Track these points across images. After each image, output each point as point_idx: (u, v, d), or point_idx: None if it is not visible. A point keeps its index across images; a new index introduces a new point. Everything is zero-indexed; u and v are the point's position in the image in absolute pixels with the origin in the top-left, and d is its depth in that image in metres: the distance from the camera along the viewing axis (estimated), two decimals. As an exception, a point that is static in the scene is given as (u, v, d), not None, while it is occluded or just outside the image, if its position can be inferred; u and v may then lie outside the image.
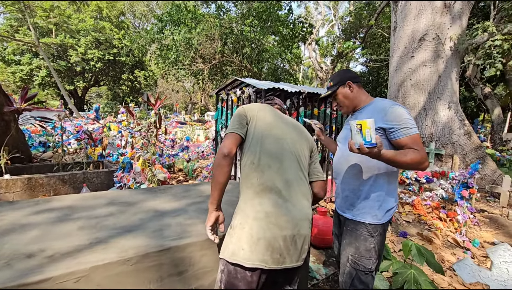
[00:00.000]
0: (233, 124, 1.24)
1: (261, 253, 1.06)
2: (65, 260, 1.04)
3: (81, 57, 20.71)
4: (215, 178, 1.16)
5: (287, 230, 1.11)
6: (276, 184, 1.16)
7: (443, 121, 5.52)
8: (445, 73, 5.60)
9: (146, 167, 4.03)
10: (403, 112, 1.33)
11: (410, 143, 1.28)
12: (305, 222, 1.18)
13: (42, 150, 6.27)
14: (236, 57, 12.20)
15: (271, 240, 1.08)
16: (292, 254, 1.13)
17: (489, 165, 5.21)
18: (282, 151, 1.24)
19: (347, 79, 1.49)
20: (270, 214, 1.10)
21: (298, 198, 1.20)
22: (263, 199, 1.13)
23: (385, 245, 1.54)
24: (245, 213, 1.12)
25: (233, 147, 1.17)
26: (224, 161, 1.14)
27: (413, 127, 1.30)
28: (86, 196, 1.97)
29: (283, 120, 1.35)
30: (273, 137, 1.25)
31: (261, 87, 3.53)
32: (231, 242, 1.11)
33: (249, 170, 1.19)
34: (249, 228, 1.08)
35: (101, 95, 33.50)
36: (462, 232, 3.21)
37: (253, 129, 1.24)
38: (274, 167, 1.18)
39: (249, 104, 1.34)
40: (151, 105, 4.73)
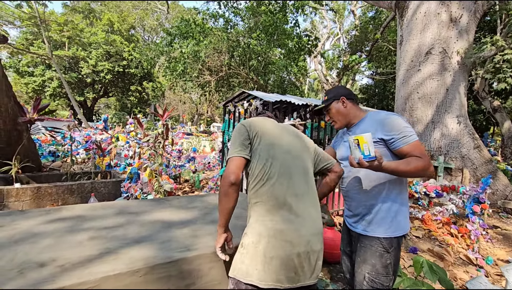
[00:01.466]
0: (236, 146, 1.19)
1: (276, 273, 1.04)
2: (77, 270, 1.05)
3: (92, 69, 21.27)
4: (222, 205, 1.13)
5: (300, 246, 1.09)
6: (287, 200, 1.14)
7: (452, 134, 5.46)
8: (452, 86, 5.59)
9: (153, 178, 4.05)
10: (400, 121, 1.34)
11: (412, 151, 1.28)
12: (317, 236, 1.16)
13: (52, 159, 6.37)
14: (242, 70, 12.39)
15: (285, 259, 1.06)
16: (306, 271, 1.11)
17: (500, 180, 5.10)
18: (290, 164, 1.22)
19: (341, 95, 1.52)
20: (282, 231, 1.08)
21: (309, 212, 1.18)
22: (274, 216, 1.11)
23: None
24: (257, 231, 1.10)
25: (239, 173, 1.13)
26: (231, 189, 1.10)
27: (412, 134, 1.31)
28: (95, 206, 1.98)
29: (284, 131, 1.33)
30: (280, 151, 1.22)
31: (268, 100, 3.57)
32: (243, 261, 1.09)
33: (258, 187, 1.16)
34: (262, 247, 1.06)
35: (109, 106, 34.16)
36: (474, 249, 3.12)
37: (259, 146, 1.21)
38: (284, 182, 1.16)
39: (249, 120, 1.29)
40: (159, 116, 4.80)
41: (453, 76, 5.60)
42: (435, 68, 5.65)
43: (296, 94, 14.76)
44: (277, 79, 14.45)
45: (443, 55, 5.61)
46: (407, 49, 6.11)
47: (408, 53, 6.07)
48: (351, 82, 21.18)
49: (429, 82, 5.69)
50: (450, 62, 5.60)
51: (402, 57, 6.29)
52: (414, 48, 5.96)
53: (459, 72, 5.63)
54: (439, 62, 5.64)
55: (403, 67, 6.19)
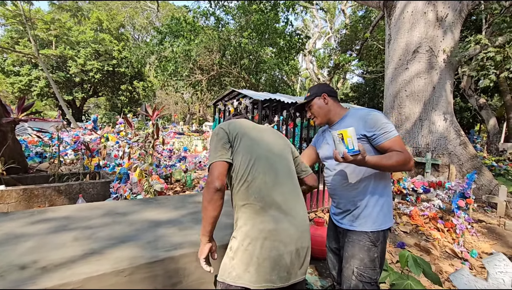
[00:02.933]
0: (217, 150, 1.15)
1: (268, 274, 1.04)
2: (59, 271, 1.04)
3: (80, 68, 20.86)
4: (207, 213, 1.08)
5: (291, 245, 1.09)
6: (275, 199, 1.13)
7: (439, 131, 5.58)
8: (439, 84, 5.71)
9: (143, 178, 4.01)
10: (380, 117, 1.38)
11: (392, 146, 1.33)
12: (306, 233, 1.17)
13: (39, 160, 6.23)
14: (234, 68, 12.36)
15: (277, 259, 1.05)
16: (297, 268, 1.12)
17: (485, 175, 5.23)
18: (274, 162, 1.21)
19: (323, 91, 1.55)
20: (273, 232, 1.07)
21: (297, 209, 1.18)
22: (264, 217, 1.09)
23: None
24: (247, 234, 1.08)
25: (223, 179, 1.10)
26: (216, 195, 1.06)
27: (392, 130, 1.36)
28: (81, 207, 1.96)
29: (263, 130, 1.33)
30: (262, 150, 1.21)
31: (258, 98, 3.58)
32: (233, 266, 1.07)
33: (244, 188, 1.14)
34: (253, 249, 1.05)
35: (99, 106, 33.59)
36: (460, 243, 3.20)
37: (240, 147, 1.18)
38: (270, 181, 1.15)
39: (227, 122, 1.28)
40: (149, 115, 4.75)
41: (440, 74, 5.72)
42: (422, 66, 5.76)
43: (288, 93, 14.80)
44: (268, 78, 14.47)
45: (430, 54, 5.72)
46: (395, 47, 6.20)
47: (396, 52, 6.17)
48: (342, 81, 21.37)
49: (416, 80, 5.79)
50: (437, 60, 5.71)
51: (390, 55, 6.38)
52: (402, 46, 6.05)
53: (445, 70, 5.75)
54: (426, 60, 5.74)
55: (391, 66, 6.28)
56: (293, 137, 4.09)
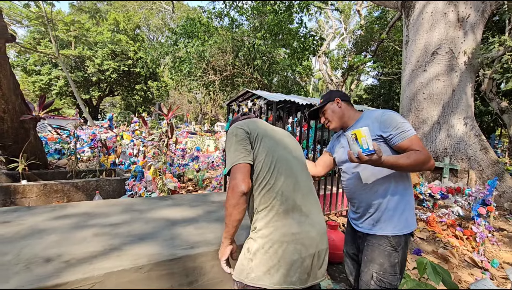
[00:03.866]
0: (239, 152, 1.11)
1: (290, 276, 1.04)
2: (81, 266, 1.06)
3: (98, 68, 21.46)
4: (233, 217, 1.06)
5: (313, 248, 1.09)
6: (296, 201, 1.12)
7: (458, 135, 5.40)
8: (459, 87, 5.53)
9: (157, 176, 4.07)
10: (396, 116, 1.35)
11: (411, 145, 1.29)
12: (325, 235, 1.17)
13: (58, 157, 6.44)
14: (247, 69, 12.39)
15: (299, 262, 1.05)
16: (316, 269, 1.12)
17: (507, 182, 5.03)
18: (293, 164, 1.20)
19: (336, 96, 1.55)
20: (297, 235, 1.07)
21: (316, 211, 1.18)
22: (287, 220, 1.07)
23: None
24: (269, 237, 1.05)
25: (249, 181, 1.07)
26: (242, 199, 1.04)
27: (410, 129, 1.32)
28: (100, 203, 2.00)
29: (279, 132, 1.31)
30: (282, 152, 1.19)
31: (272, 99, 3.57)
32: (252, 267, 1.05)
33: (265, 191, 1.11)
34: (274, 252, 1.03)
35: (114, 105, 34.43)
36: (480, 252, 3.08)
37: (262, 149, 1.15)
38: (291, 183, 1.13)
39: (245, 122, 1.24)
40: (164, 115, 4.82)
41: (460, 77, 5.54)
42: (441, 68, 5.59)
43: (301, 94, 14.71)
44: (281, 79, 14.42)
45: (450, 55, 5.55)
46: (413, 49, 6.05)
47: (414, 53, 6.02)
48: (356, 82, 21.04)
49: (435, 82, 5.63)
50: (457, 62, 5.54)
51: (408, 57, 6.23)
52: (420, 48, 5.90)
53: (466, 72, 5.56)
54: (445, 62, 5.58)
55: (409, 67, 6.14)
56: (307, 139, 4.06)
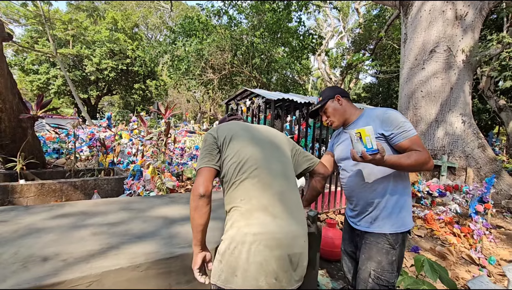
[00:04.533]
0: (204, 156, 1.14)
1: (255, 279, 0.99)
2: (79, 265, 1.07)
3: (96, 67, 21.38)
4: (194, 221, 1.05)
5: (279, 250, 1.02)
6: (262, 202, 1.07)
7: (456, 133, 5.42)
8: (457, 85, 5.54)
9: (156, 175, 4.07)
10: (398, 116, 1.35)
11: (411, 145, 1.29)
12: (298, 239, 1.09)
13: (56, 156, 6.43)
14: (245, 68, 12.37)
15: (262, 264, 1.00)
16: (289, 275, 1.05)
17: (504, 180, 5.05)
18: (265, 164, 1.15)
19: (336, 93, 1.54)
20: (259, 235, 1.01)
21: (289, 213, 1.10)
22: (249, 220, 1.04)
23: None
24: (233, 237, 1.04)
25: (208, 185, 1.07)
26: (201, 202, 1.04)
27: (411, 129, 1.32)
28: (98, 202, 2.00)
29: (255, 132, 1.28)
30: (252, 152, 1.16)
31: (270, 98, 3.57)
32: (222, 268, 1.04)
33: (231, 191, 1.12)
34: (238, 253, 1.01)
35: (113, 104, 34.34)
36: (477, 249, 3.10)
37: (229, 152, 1.16)
38: (258, 183, 1.10)
39: (217, 126, 1.26)
40: (161, 114, 4.82)
41: (458, 75, 5.55)
42: (439, 66, 5.60)
43: (299, 92, 14.70)
44: (280, 77, 14.41)
45: (448, 53, 5.56)
46: (411, 47, 6.06)
47: (412, 51, 6.02)
48: (355, 81, 21.05)
49: (433, 80, 5.64)
50: (455, 60, 5.55)
51: (406, 55, 6.24)
52: (418, 46, 5.91)
53: (464, 70, 5.58)
54: (443, 60, 5.59)
55: (407, 65, 6.14)
56: (305, 137, 4.06)
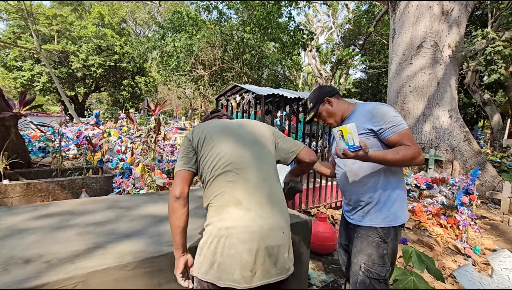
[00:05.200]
0: (180, 159, 1.17)
1: (230, 273, 1.00)
2: (63, 266, 1.04)
3: (83, 63, 20.83)
4: (172, 223, 1.06)
5: (252, 243, 1.01)
6: (236, 196, 1.07)
7: (443, 127, 5.53)
8: (443, 80, 5.64)
9: (146, 173, 4.02)
10: (388, 110, 1.34)
11: (401, 140, 1.29)
12: (276, 231, 1.07)
13: (42, 155, 6.26)
14: (236, 64, 12.29)
15: (236, 257, 1.00)
16: (268, 268, 1.04)
17: (489, 172, 5.20)
18: (240, 158, 1.14)
19: (324, 96, 1.51)
20: (231, 229, 1.02)
21: (265, 205, 1.09)
22: (222, 215, 1.06)
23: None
24: (209, 233, 1.05)
25: (184, 187, 1.09)
26: (177, 204, 1.05)
27: (401, 123, 1.31)
28: (84, 201, 1.96)
29: (232, 127, 1.27)
30: (227, 147, 1.16)
31: (260, 93, 3.55)
32: (201, 261, 1.05)
33: (207, 189, 1.14)
34: (214, 247, 1.02)
35: (101, 101, 33.63)
36: (463, 239, 3.19)
37: (204, 152, 1.16)
38: (232, 179, 1.10)
39: (194, 128, 1.27)
40: (151, 110, 4.75)
41: (444, 70, 5.65)
42: (426, 61, 5.69)
43: (290, 88, 14.72)
44: (271, 73, 14.38)
45: (435, 49, 5.65)
46: (399, 42, 6.13)
47: (400, 47, 6.09)
48: (345, 76, 21.21)
49: (420, 75, 5.73)
50: (442, 55, 5.64)
51: (394, 50, 6.31)
52: (406, 41, 5.98)
53: (450, 65, 5.68)
54: (430, 55, 5.67)
55: (395, 61, 6.22)
56: (296, 133, 4.07)
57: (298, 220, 1.80)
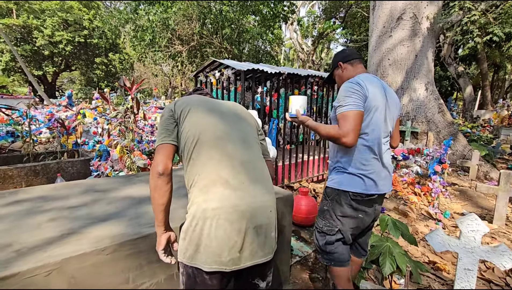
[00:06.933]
0: (161, 132, 1.09)
1: (217, 255, 0.96)
2: (34, 254, 0.99)
3: (48, 39, 19.25)
4: (155, 200, 1.01)
5: (241, 222, 0.98)
6: (221, 174, 1.02)
7: (419, 99, 5.68)
8: (421, 52, 5.71)
9: (125, 154, 3.90)
10: (342, 91, 1.45)
11: (339, 120, 1.40)
12: (263, 209, 1.04)
13: (11, 140, 5.90)
14: (215, 38, 11.80)
15: (224, 238, 0.96)
16: (256, 248, 1.01)
17: (460, 141, 5.47)
18: (225, 135, 1.09)
19: (338, 60, 1.65)
20: (217, 210, 0.97)
21: (252, 183, 1.05)
22: (207, 195, 0.99)
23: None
24: (194, 214, 0.99)
25: (167, 162, 1.02)
26: (160, 181, 0.99)
27: (345, 105, 1.38)
28: (58, 186, 1.88)
29: (218, 106, 1.22)
30: (210, 123, 1.11)
31: (240, 68, 3.45)
32: (186, 246, 1.00)
33: (189, 167, 1.06)
34: (200, 229, 0.97)
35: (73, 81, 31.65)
36: (435, 205, 3.40)
37: (186, 125, 1.09)
38: (216, 156, 1.05)
39: (177, 100, 1.19)
40: (127, 89, 4.52)
41: (422, 42, 5.70)
42: (405, 34, 5.70)
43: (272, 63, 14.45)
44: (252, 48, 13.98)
45: (414, 21, 5.64)
46: (380, 14, 6.06)
47: (380, 19, 6.04)
48: (326, 51, 21.03)
49: (399, 48, 5.76)
50: (420, 27, 5.66)
51: (374, 23, 6.25)
52: (386, 13, 5.92)
53: (428, 38, 5.73)
54: (409, 27, 5.68)
55: (375, 33, 6.18)
56: (277, 108, 4.04)
57: (280, 195, 1.82)
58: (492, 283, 2.13)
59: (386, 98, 1.51)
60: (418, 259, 2.39)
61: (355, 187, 1.48)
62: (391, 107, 1.54)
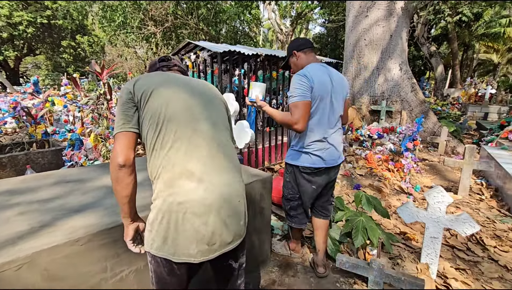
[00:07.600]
0: (119, 118, 0.98)
1: (186, 247, 0.94)
2: (3, 249, 0.96)
3: (6, 21, 17.62)
4: (118, 193, 0.96)
5: (208, 215, 0.95)
6: (187, 167, 0.96)
7: (394, 79, 5.83)
8: (396, 32, 5.80)
9: (99, 143, 3.76)
10: (292, 82, 1.65)
11: (290, 109, 1.65)
12: (231, 200, 1.02)
13: (-27, 132, 5.49)
14: (191, 19, 11.32)
15: (191, 232, 0.94)
16: (226, 239, 1.00)
17: (431, 119, 5.74)
18: (190, 124, 1.01)
19: (293, 49, 1.79)
20: (184, 204, 0.93)
21: (219, 174, 1.02)
22: (173, 188, 0.95)
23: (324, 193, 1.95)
24: (159, 208, 0.95)
25: (128, 152, 0.94)
26: (122, 173, 0.92)
27: (295, 96, 1.61)
28: (27, 178, 1.79)
29: (186, 86, 1.10)
30: (176, 109, 1.01)
31: (216, 50, 3.35)
32: (153, 237, 0.97)
33: (153, 158, 0.99)
34: (166, 223, 0.94)
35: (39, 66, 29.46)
36: (406, 180, 3.59)
37: (148, 110, 0.99)
38: (182, 146, 0.98)
39: (137, 78, 1.05)
40: (98, 74, 4.30)
41: (397, 22, 5.78)
42: (381, 13, 5.74)
43: (250, 45, 14.16)
44: (229, 29, 13.58)
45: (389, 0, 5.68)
46: (356, -7, 6.03)
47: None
48: (305, 32, 20.83)
49: (375, 28, 5.81)
50: (395, 7, 5.72)
51: (351, 2, 6.23)
52: (362, -8, 5.90)
53: (402, 17, 5.81)
54: (385, 7, 5.72)
55: (352, 13, 6.18)
56: (255, 92, 4.01)
57: (258, 177, 1.85)
58: (456, 248, 2.32)
59: (332, 84, 1.70)
60: (390, 231, 2.54)
61: (303, 162, 1.78)
62: (338, 91, 1.73)
